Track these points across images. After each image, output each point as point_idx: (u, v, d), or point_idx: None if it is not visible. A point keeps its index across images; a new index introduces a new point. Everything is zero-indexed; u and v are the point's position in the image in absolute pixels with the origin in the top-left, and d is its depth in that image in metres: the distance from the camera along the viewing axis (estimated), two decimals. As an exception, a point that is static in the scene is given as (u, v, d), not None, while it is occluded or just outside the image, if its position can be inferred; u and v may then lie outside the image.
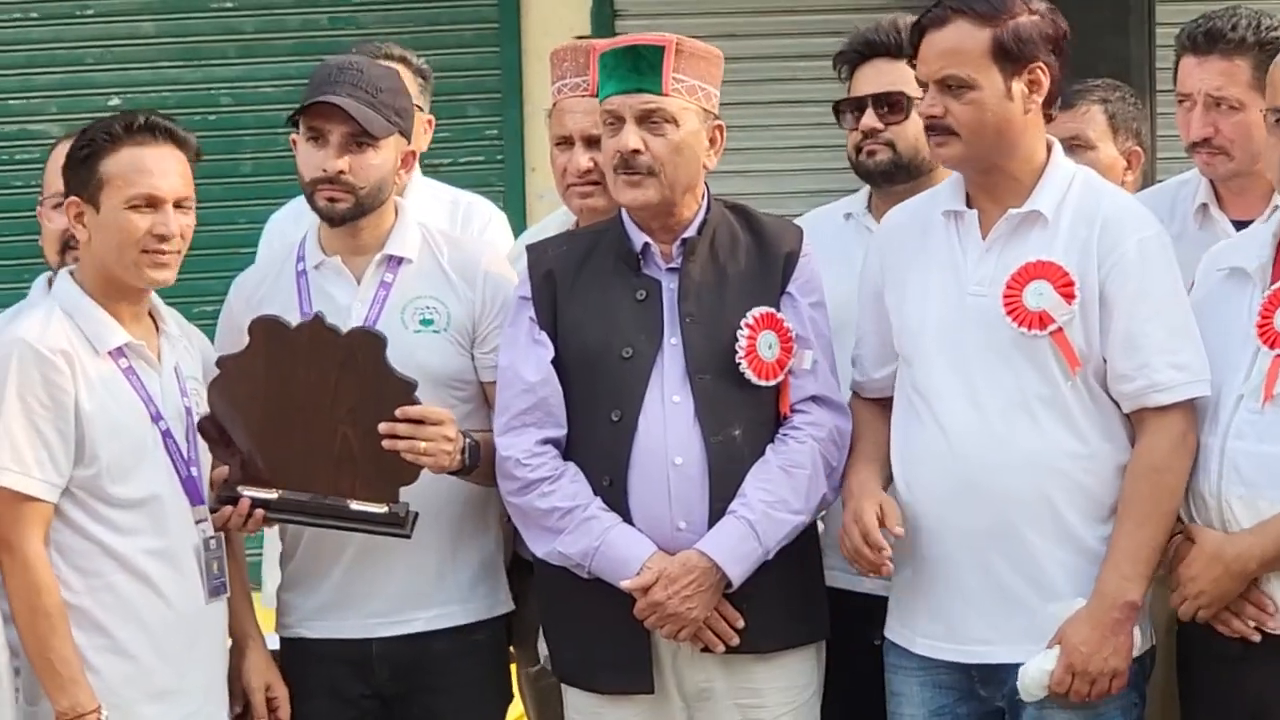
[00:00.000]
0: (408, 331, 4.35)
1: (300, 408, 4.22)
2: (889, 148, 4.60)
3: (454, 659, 4.40)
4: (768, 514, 4.11)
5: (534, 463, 4.19)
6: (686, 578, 4.10)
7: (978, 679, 4.15)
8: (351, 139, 4.31)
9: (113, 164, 4.11)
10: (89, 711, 4.01)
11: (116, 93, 8.03)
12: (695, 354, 4.17)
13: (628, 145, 4.14)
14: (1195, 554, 4.00)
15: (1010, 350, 4.06)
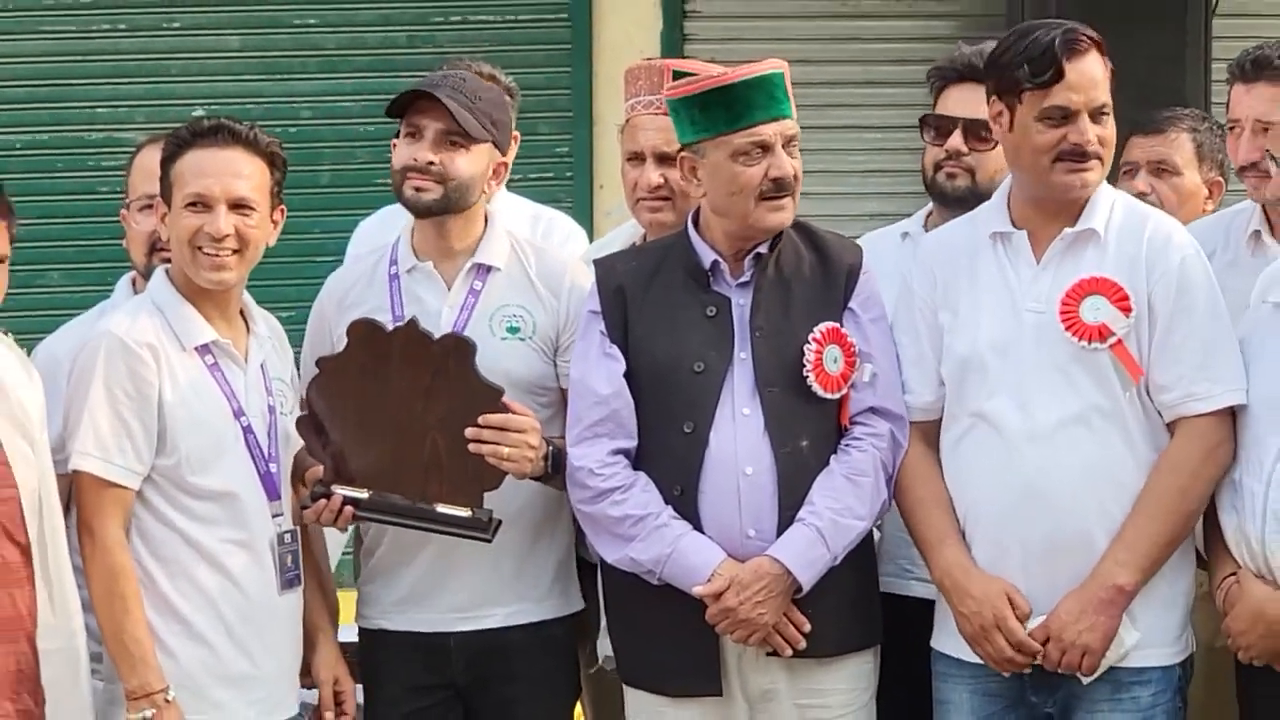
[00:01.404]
0: (494, 338, 4.40)
1: (392, 410, 4.28)
2: (969, 174, 4.65)
3: (528, 653, 4.45)
4: (835, 521, 4.15)
5: (606, 472, 4.22)
6: (758, 584, 4.13)
7: (1030, 685, 4.18)
8: (446, 137, 4.38)
9: (181, 166, 4.18)
10: (156, 691, 4.06)
11: (201, 104, 8.06)
12: (764, 368, 4.21)
13: (787, 169, 4.19)
14: (1241, 609, 4.03)
15: (1069, 364, 4.11)
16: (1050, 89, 4.08)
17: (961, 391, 4.22)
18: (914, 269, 4.36)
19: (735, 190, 4.19)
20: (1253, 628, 4.00)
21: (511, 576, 4.44)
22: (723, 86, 4.17)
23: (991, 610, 4.10)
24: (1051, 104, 4.09)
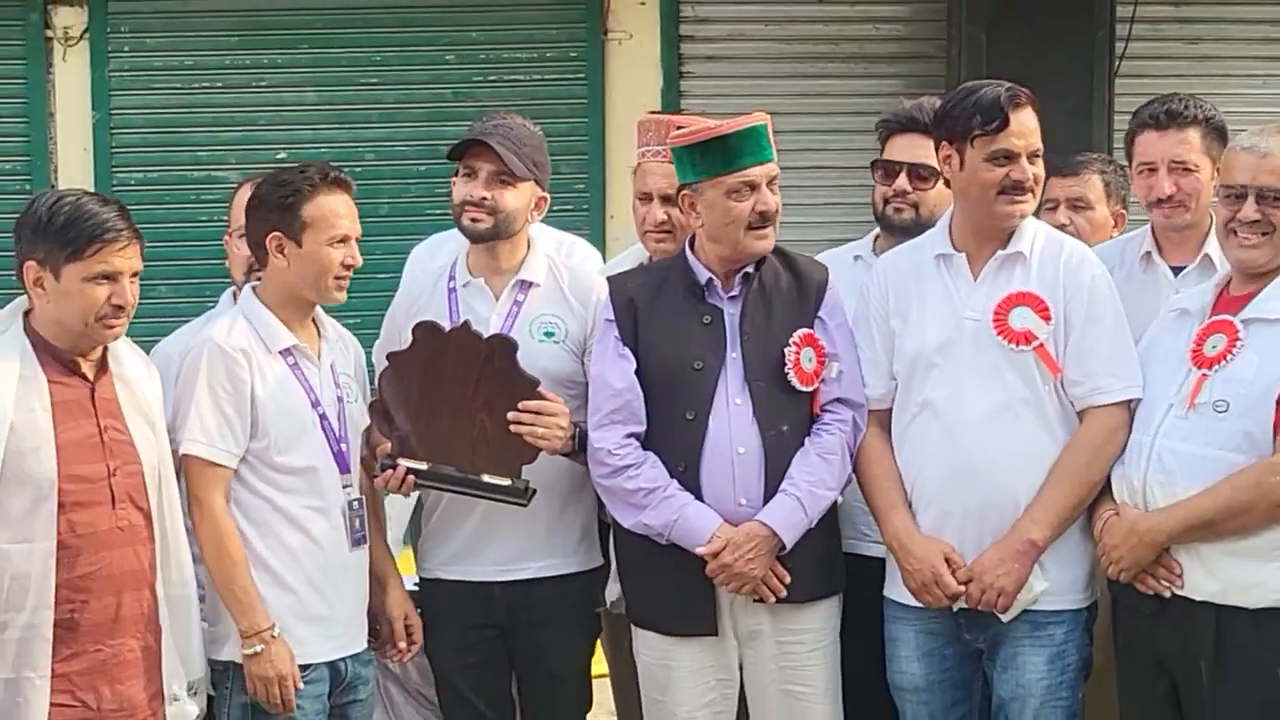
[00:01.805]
0: (533, 341, 4.41)
1: (448, 396, 4.30)
2: (914, 209, 4.63)
3: (556, 600, 4.45)
4: (811, 491, 4.17)
5: (622, 453, 4.23)
6: (750, 544, 4.15)
7: (964, 625, 4.21)
8: (496, 176, 4.40)
9: (313, 209, 4.18)
10: (265, 629, 4.09)
11: (283, 148, 8.09)
12: (752, 366, 4.22)
13: (769, 205, 4.20)
14: (1118, 527, 4.04)
15: (1000, 363, 4.14)
16: (997, 135, 4.11)
17: (910, 384, 4.24)
18: (870, 285, 4.38)
19: (729, 222, 4.21)
20: (1126, 540, 4.01)
21: (544, 536, 4.45)
22: (719, 137, 4.18)
23: (930, 569, 4.13)
24: (998, 147, 4.11)
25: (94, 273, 3.85)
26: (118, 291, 3.88)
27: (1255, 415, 3.92)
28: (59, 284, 3.85)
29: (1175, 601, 4.00)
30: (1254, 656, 3.92)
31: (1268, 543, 3.91)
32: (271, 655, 4.08)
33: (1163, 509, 3.98)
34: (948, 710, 4.28)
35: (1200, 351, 4.02)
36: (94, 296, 3.86)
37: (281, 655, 4.10)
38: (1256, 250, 3.98)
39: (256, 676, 4.08)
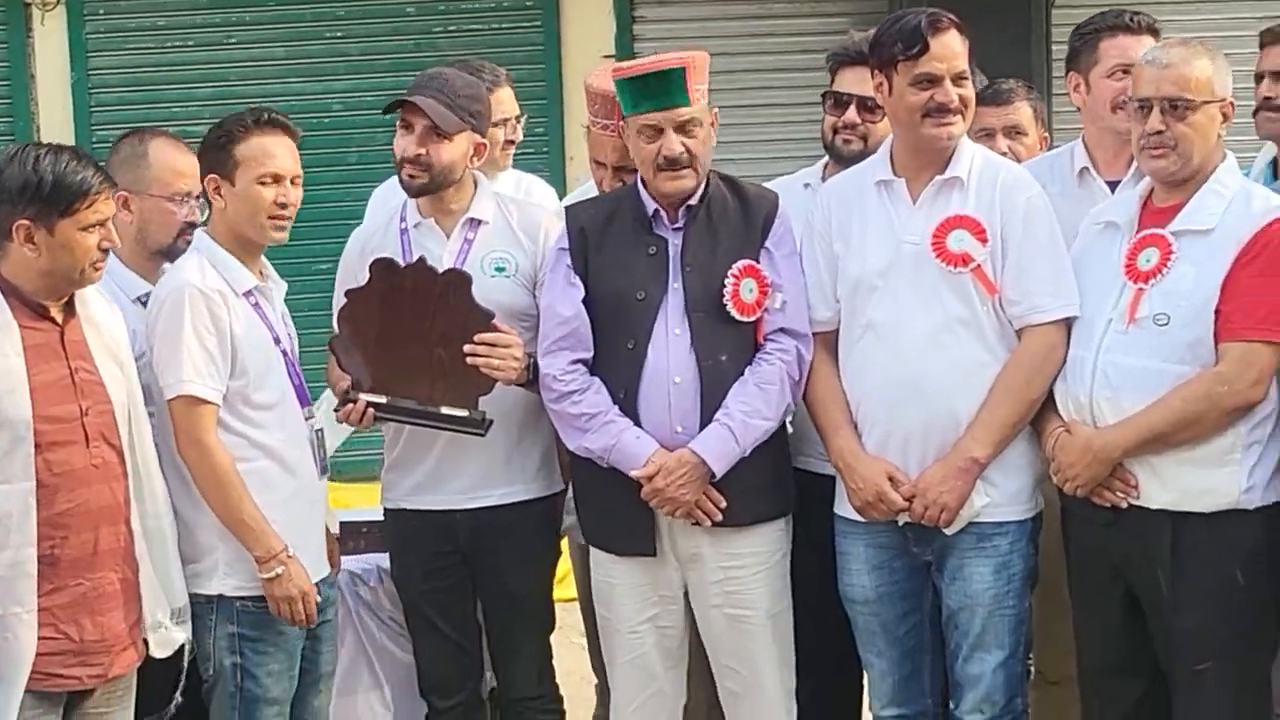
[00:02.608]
0: (485, 277, 4.32)
1: (405, 331, 4.23)
2: (862, 140, 4.54)
3: (517, 525, 4.39)
4: (745, 421, 4.09)
5: (567, 378, 4.17)
6: (680, 470, 4.08)
7: (911, 538, 4.15)
8: (430, 131, 4.30)
9: (245, 149, 4.11)
10: (280, 550, 4.04)
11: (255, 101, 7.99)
12: (693, 297, 4.13)
13: (674, 150, 4.09)
14: (1070, 444, 3.97)
15: (939, 285, 4.05)
16: (919, 59, 4.02)
17: (853, 307, 4.15)
18: (814, 210, 4.29)
19: (642, 161, 4.15)
20: (1081, 458, 3.94)
21: (504, 464, 4.38)
22: (625, 79, 4.13)
23: (875, 488, 4.07)
24: (921, 71, 4.02)
25: (88, 223, 3.82)
26: (106, 236, 3.86)
27: (1196, 327, 3.85)
28: (54, 238, 3.81)
29: (1130, 511, 3.94)
30: (1211, 560, 3.87)
31: (1218, 449, 3.86)
32: (291, 575, 4.04)
33: (1115, 425, 3.91)
34: (898, 621, 4.22)
35: (1134, 265, 3.94)
36: (88, 245, 3.83)
37: (299, 573, 4.06)
38: (1164, 160, 3.91)
39: (280, 598, 4.04)
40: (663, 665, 4.29)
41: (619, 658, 4.32)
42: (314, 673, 4.27)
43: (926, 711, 4.29)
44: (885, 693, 4.28)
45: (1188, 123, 3.88)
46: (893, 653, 4.23)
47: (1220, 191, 3.91)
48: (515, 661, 4.49)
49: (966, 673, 4.16)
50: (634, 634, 4.27)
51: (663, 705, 4.32)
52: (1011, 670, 4.15)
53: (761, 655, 4.23)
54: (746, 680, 4.26)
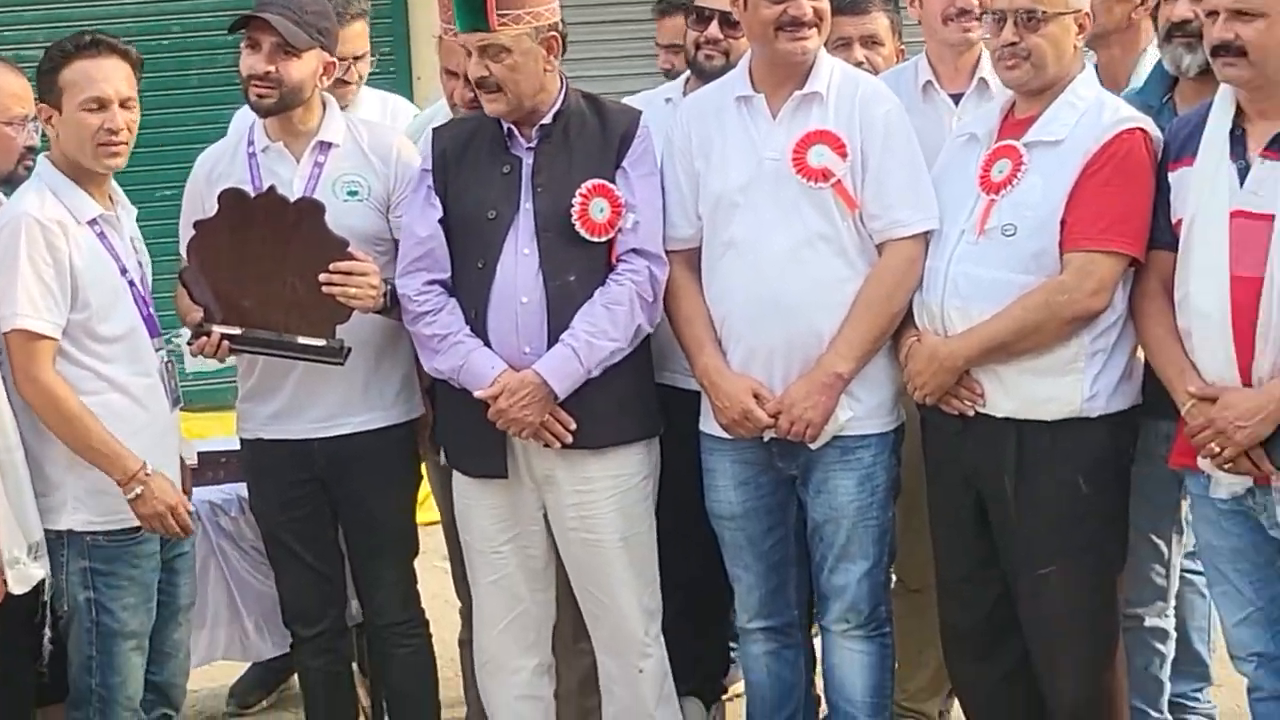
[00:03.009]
0: (337, 200, 4.22)
1: (258, 261, 4.13)
2: (725, 56, 4.49)
3: (376, 452, 4.32)
4: (590, 342, 4.04)
5: (421, 299, 4.12)
6: (523, 391, 4.03)
7: (776, 453, 4.15)
8: (279, 48, 4.18)
9: (70, 73, 3.97)
10: (137, 469, 3.95)
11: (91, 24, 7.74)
12: (543, 216, 4.07)
13: (475, 73, 4.05)
14: (919, 353, 3.99)
15: (800, 200, 4.03)
16: None
17: (715, 224, 4.11)
18: (675, 127, 4.24)
19: None
20: (928, 366, 3.96)
21: (362, 391, 4.30)
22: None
23: (740, 405, 4.06)
24: None
25: None
26: None
27: (1042, 237, 3.87)
28: None
29: (978, 419, 3.97)
30: (1054, 467, 3.91)
31: (1061, 358, 3.89)
32: (154, 491, 3.96)
33: (960, 334, 3.93)
34: (764, 535, 4.22)
35: (988, 177, 3.95)
36: None
37: (164, 487, 3.98)
38: (1018, 71, 3.91)
39: (146, 516, 3.96)
40: (528, 586, 4.27)
41: (481, 578, 4.29)
42: (171, 605, 4.19)
43: (792, 623, 4.32)
44: (752, 606, 4.29)
45: (1041, 34, 3.87)
46: (759, 566, 4.25)
47: (1075, 103, 3.92)
48: (379, 587, 4.44)
49: (832, 584, 4.19)
50: (496, 554, 4.25)
51: (529, 626, 4.30)
52: (875, 580, 4.19)
53: (618, 578, 4.21)
54: (604, 603, 4.25)
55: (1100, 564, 3.99)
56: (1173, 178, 3.83)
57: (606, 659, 4.33)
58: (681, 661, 4.42)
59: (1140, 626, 4.28)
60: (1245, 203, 3.68)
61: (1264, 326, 3.63)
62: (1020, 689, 4.13)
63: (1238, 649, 3.92)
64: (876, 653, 4.24)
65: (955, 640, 4.21)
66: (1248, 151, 3.70)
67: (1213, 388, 3.71)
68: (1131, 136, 3.86)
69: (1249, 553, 3.82)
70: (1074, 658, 3.99)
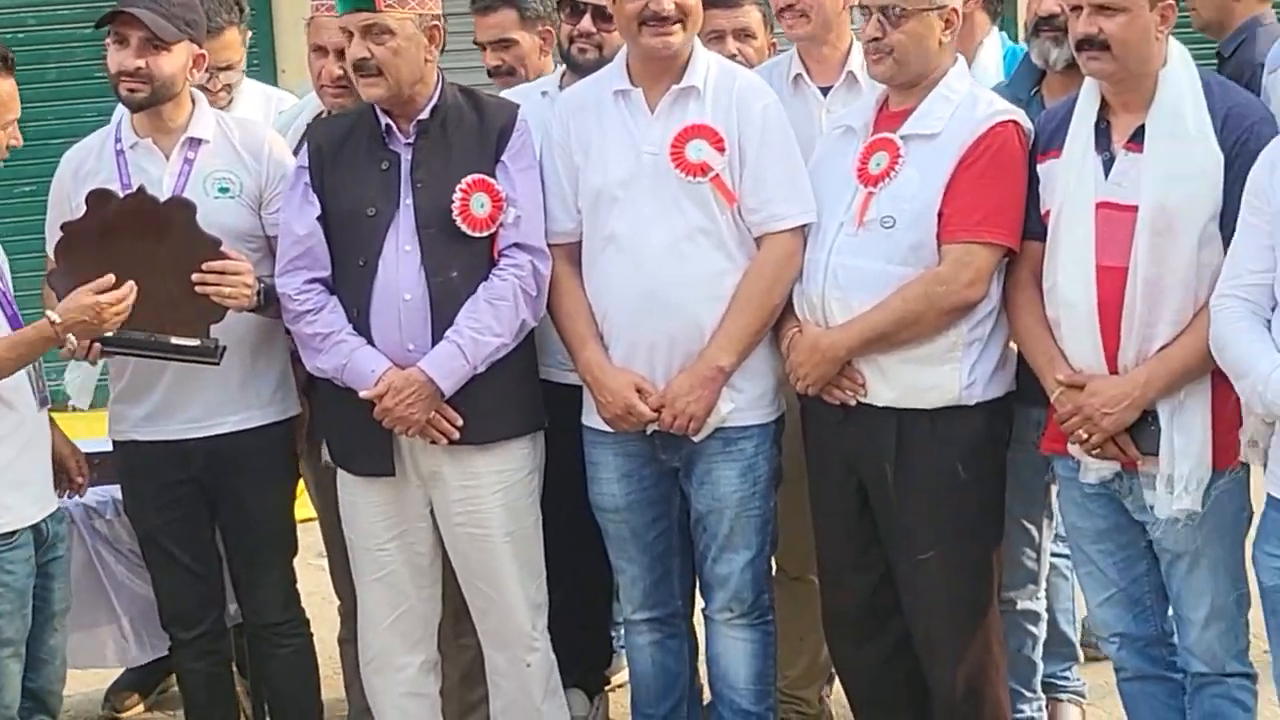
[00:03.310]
0: (209, 198, 4.16)
1: (128, 263, 4.01)
2: (598, 49, 4.48)
3: (254, 451, 4.27)
4: (475, 338, 4.02)
5: (302, 298, 4.07)
6: (408, 389, 4.01)
7: (659, 445, 4.17)
8: (148, 42, 4.11)
9: None
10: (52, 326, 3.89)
11: (-57, 18, 7.65)
12: (423, 213, 4.04)
13: (356, 54, 4.00)
14: (800, 344, 4.02)
15: (678, 195, 4.04)
16: None
17: (595, 219, 4.11)
18: (553, 120, 4.23)
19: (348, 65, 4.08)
20: (810, 357, 3.99)
21: (238, 390, 4.24)
22: None
23: (623, 400, 4.06)
24: None
25: None
26: None
27: (919, 229, 3.91)
28: None
29: (859, 409, 4.01)
30: (933, 454, 3.97)
31: (940, 348, 3.94)
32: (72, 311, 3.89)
33: (841, 325, 3.96)
34: (648, 527, 4.24)
35: (865, 169, 3.98)
36: None
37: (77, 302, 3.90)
38: (882, 66, 3.95)
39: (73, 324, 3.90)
40: (414, 583, 4.25)
41: (366, 576, 4.26)
42: (46, 610, 4.11)
43: (677, 613, 4.34)
44: (636, 597, 4.31)
45: (903, 29, 3.91)
46: (643, 558, 4.26)
47: (949, 96, 3.97)
48: (259, 588, 4.39)
49: (715, 573, 4.22)
50: (381, 551, 4.22)
51: (415, 623, 4.28)
52: (758, 569, 4.22)
53: (505, 572, 4.21)
54: (491, 597, 4.24)
55: (978, 548, 4.05)
56: (1041, 169, 3.90)
57: (493, 653, 4.32)
58: (565, 654, 4.42)
59: (1013, 609, 4.37)
60: (1110, 194, 3.75)
61: (1128, 315, 3.71)
62: (902, 671, 4.18)
63: (1101, 629, 4.02)
64: (760, 641, 4.28)
65: (838, 624, 4.26)
66: (1112, 143, 3.78)
67: (1080, 375, 3.79)
68: (1005, 129, 3.92)
69: (1112, 534, 3.91)
70: (954, 640, 4.06)
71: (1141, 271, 3.68)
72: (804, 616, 4.55)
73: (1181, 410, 3.71)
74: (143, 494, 4.32)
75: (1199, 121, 3.68)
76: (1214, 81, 3.77)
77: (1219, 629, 3.82)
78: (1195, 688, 3.89)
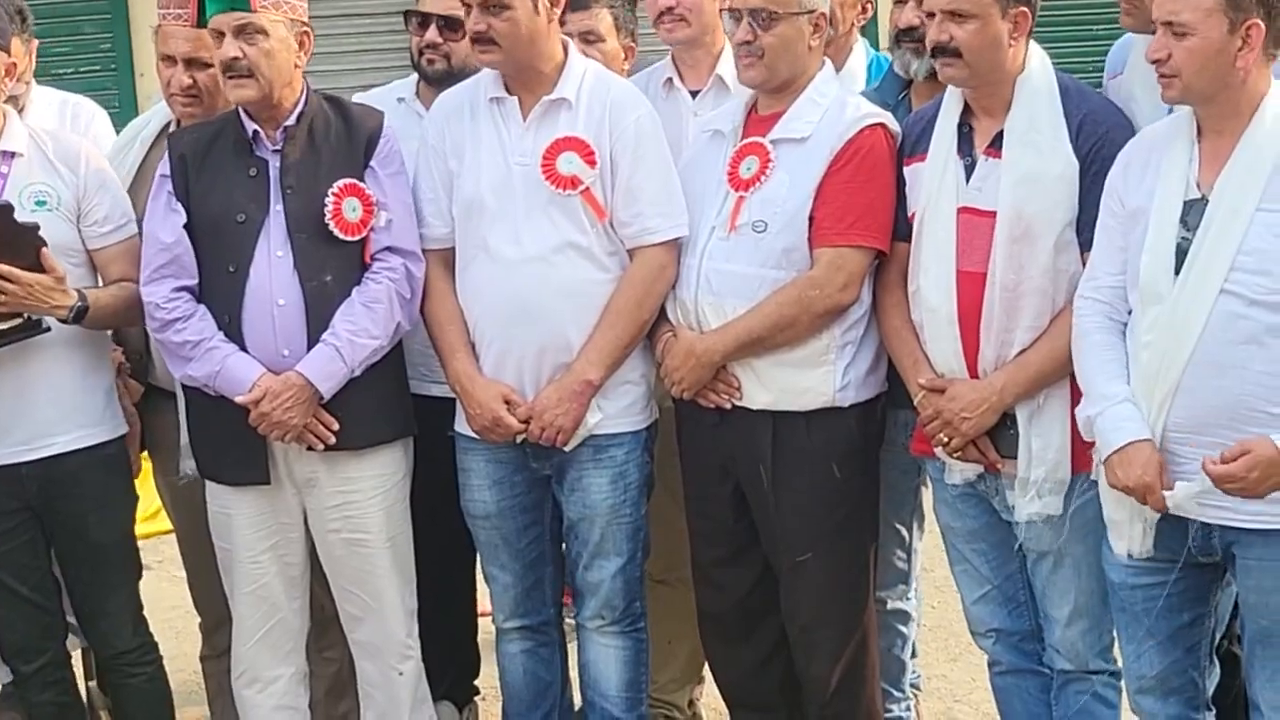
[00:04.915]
0: (25, 211, 3.98)
1: None
2: (445, 59, 4.48)
3: (89, 470, 4.10)
4: (351, 341, 3.98)
5: (170, 306, 3.99)
6: (287, 393, 3.96)
7: (530, 453, 4.14)
8: None
9: None
10: None
11: None
12: (294, 218, 3.99)
13: (228, 54, 3.94)
14: (675, 349, 4.02)
15: (549, 206, 4.01)
16: None
17: (467, 227, 4.07)
18: (429, 123, 4.19)
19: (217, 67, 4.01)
20: (685, 362, 4.00)
21: (69, 408, 4.07)
22: None
23: (491, 413, 4.04)
24: None
25: None
26: None
27: (790, 233, 3.93)
28: None
29: (735, 412, 4.02)
30: (809, 456, 3.98)
31: (814, 351, 3.96)
32: None
33: (716, 330, 3.97)
34: (520, 534, 4.21)
35: (736, 174, 3.99)
36: None
37: None
38: (752, 70, 3.96)
39: None
40: (285, 595, 4.19)
41: (241, 588, 4.19)
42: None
43: (549, 621, 4.32)
44: (508, 605, 4.28)
45: (773, 33, 3.92)
46: (515, 566, 4.23)
47: (817, 100, 3.98)
48: (104, 616, 4.22)
49: (587, 580, 4.21)
50: (255, 564, 4.15)
51: (286, 634, 4.22)
52: (630, 576, 4.21)
53: (382, 578, 4.17)
54: (367, 604, 4.19)
55: (855, 548, 4.08)
56: (908, 172, 3.93)
57: (365, 663, 4.27)
58: (433, 666, 4.38)
59: (883, 609, 4.41)
60: (970, 199, 3.79)
61: (986, 321, 3.75)
62: (777, 671, 4.21)
63: (977, 625, 4.06)
64: (631, 648, 4.27)
65: (712, 624, 4.26)
66: (974, 148, 3.82)
67: (941, 380, 3.83)
68: (874, 133, 3.94)
69: (984, 533, 3.96)
70: (831, 640, 4.08)
71: (999, 277, 3.72)
72: (671, 619, 4.56)
73: (1040, 414, 3.76)
74: None
75: (1054, 127, 3.72)
76: (1072, 87, 3.80)
77: (1082, 627, 3.87)
78: (1060, 684, 3.94)
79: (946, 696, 5.20)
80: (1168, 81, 3.40)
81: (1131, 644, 3.65)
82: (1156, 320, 3.41)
